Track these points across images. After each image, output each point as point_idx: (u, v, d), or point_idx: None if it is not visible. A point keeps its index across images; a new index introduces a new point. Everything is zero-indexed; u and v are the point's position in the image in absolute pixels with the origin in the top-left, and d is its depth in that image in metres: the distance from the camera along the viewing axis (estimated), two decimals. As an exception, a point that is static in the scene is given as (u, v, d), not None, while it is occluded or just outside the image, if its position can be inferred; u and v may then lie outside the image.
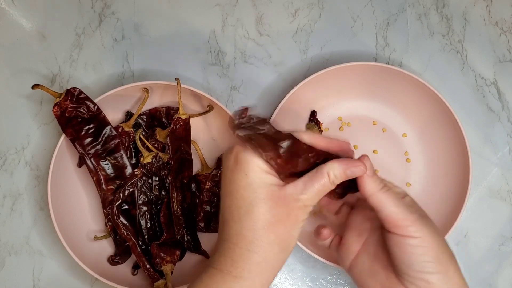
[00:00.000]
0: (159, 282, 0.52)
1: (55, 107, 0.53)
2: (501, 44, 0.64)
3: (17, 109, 0.60)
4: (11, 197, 0.58)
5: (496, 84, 0.64)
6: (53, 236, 0.56)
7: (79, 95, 0.53)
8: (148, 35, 0.63)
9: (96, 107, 0.54)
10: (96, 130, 0.54)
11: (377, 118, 0.61)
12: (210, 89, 0.62)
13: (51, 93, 0.53)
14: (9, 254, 0.57)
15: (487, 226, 0.60)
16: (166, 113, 0.58)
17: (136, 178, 0.54)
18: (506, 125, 0.63)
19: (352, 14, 0.64)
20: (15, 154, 0.59)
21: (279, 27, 0.64)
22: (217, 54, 0.63)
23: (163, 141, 0.57)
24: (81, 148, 0.53)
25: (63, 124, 0.53)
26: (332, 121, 0.61)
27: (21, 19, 0.63)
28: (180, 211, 0.54)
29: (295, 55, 0.63)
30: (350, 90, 0.60)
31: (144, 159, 0.54)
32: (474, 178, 0.57)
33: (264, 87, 0.62)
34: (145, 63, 0.62)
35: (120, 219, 0.53)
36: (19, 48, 0.62)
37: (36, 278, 0.57)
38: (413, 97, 0.58)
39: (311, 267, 0.59)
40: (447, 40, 0.64)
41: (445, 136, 0.58)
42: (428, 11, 0.65)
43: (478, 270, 0.59)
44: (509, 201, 0.61)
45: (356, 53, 0.63)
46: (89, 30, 0.62)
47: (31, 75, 0.61)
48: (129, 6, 0.63)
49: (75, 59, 0.62)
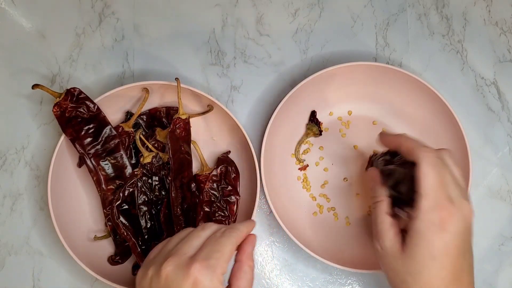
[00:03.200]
0: None
1: (55, 107, 0.53)
2: (501, 44, 0.64)
3: (17, 109, 0.60)
4: (11, 197, 0.58)
5: (496, 84, 0.64)
6: (53, 236, 0.56)
7: (79, 95, 0.53)
8: (148, 35, 0.63)
9: (96, 107, 0.54)
10: (96, 130, 0.54)
11: (377, 118, 0.61)
12: (210, 89, 0.62)
13: (51, 93, 0.53)
14: (9, 254, 0.57)
15: (487, 226, 0.60)
16: (166, 113, 0.58)
17: (136, 178, 0.54)
18: (506, 125, 0.63)
19: (352, 14, 0.64)
20: (15, 154, 0.59)
21: (279, 27, 0.64)
22: (217, 54, 0.63)
23: (163, 141, 0.57)
24: (81, 148, 0.53)
25: (63, 124, 0.53)
26: (332, 121, 0.61)
27: (21, 19, 0.63)
28: (180, 211, 0.54)
29: (295, 55, 0.63)
30: (350, 90, 0.60)
31: (144, 159, 0.54)
32: (474, 178, 0.58)
33: (264, 87, 0.62)
34: (145, 63, 0.62)
35: (120, 219, 0.53)
36: (19, 48, 0.62)
37: (36, 278, 0.57)
38: (413, 97, 0.58)
39: (311, 267, 0.59)
40: (447, 40, 0.64)
41: (445, 136, 0.58)
42: (428, 11, 0.65)
43: (478, 270, 0.59)
44: (509, 201, 0.61)
45: (356, 53, 0.63)
46: (89, 30, 0.62)
47: (31, 75, 0.61)
48: (129, 6, 0.63)
49: (75, 59, 0.62)
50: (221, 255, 0.37)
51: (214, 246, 0.38)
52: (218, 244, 0.38)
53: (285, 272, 0.58)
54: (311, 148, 0.61)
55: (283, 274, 0.58)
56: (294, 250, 0.59)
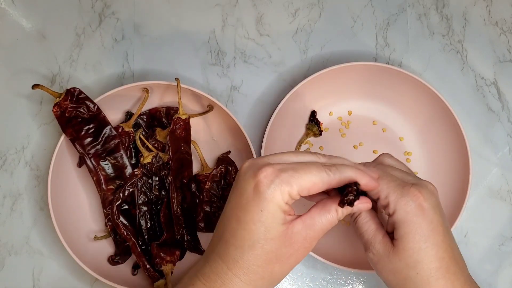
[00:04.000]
0: (159, 282, 0.52)
1: (55, 107, 0.53)
2: (501, 44, 0.64)
3: (17, 109, 0.60)
4: (11, 197, 0.58)
5: (496, 84, 0.64)
6: (53, 236, 0.56)
7: (79, 95, 0.53)
8: (148, 35, 0.63)
9: (96, 107, 0.54)
10: (96, 130, 0.54)
11: (377, 118, 0.61)
12: (210, 89, 0.62)
13: (51, 93, 0.53)
14: (9, 254, 0.57)
15: (487, 226, 0.60)
16: (166, 113, 0.58)
17: (136, 178, 0.54)
18: (506, 125, 0.63)
19: (352, 14, 0.64)
20: (15, 154, 0.59)
21: (279, 27, 0.64)
22: (217, 54, 0.63)
23: (163, 141, 0.57)
24: (81, 148, 0.53)
25: (63, 124, 0.53)
26: (332, 121, 0.61)
27: (21, 19, 0.63)
28: (180, 211, 0.54)
29: (295, 55, 0.63)
30: (350, 90, 0.60)
31: (144, 159, 0.54)
32: (474, 178, 0.57)
33: (264, 87, 0.62)
34: (145, 63, 0.62)
35: (120, 219, 0.53)
36: (19, 48, 0.62)
37: (36, 278, 0.57)
38: (413, 97, 0.58)
39: (311, 267, 0.59)
40: (447, 40, 0.64)
41: (445, 136, 0.58)
42: (428, 11, 0.65)
43: (478, 270, 0.59)
44: (509, 201, 0.61)
45: (356, 53, 0.63)
46: (89, 30, 0.62)
47: (31, 75, 0.61)
48: (129, 6, 0.63)
49: (75, 59, 0.62)
50: (299, 176, 0.35)
51: (299, 167, 0.36)
52: (304, 167, 0.36)
53: (285, 272, 0.58)
54: (311, 148, 0.61)
55: (283, 274, 0.58)
56: (294, 250, 0.59)
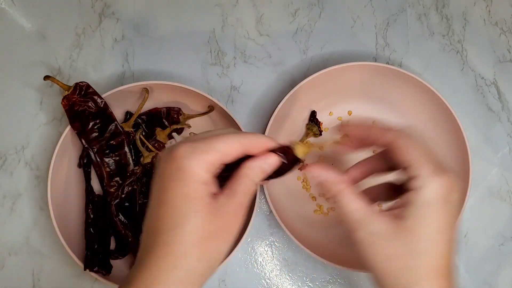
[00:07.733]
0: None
1: (64, 100, 0.53)
2: (501, 44, 0.64)
3: (17, 109, 0.60)
4: (11, 197, 0.58)
5: (496, 84, 0.64)
6: (53, 236, 0.56)
7: (87, 89, 0.53)
8: (148, 35, 0.63)
9: (103, 102, 0.54)
10: (102, 126, 0.54)
11: (377, 118, 0.61)
12: (210, 89, 0.62)
13: (61, 85, 0.53)
14: (9, 254, 0.57)
15: (487, 226, 0.60)
16: (166, 113, 0.58)
17: (136, 177, 0.54)
18: (506, 125, 0.63)
19: (352, 14, 0.64)
20: (15, 154, 0.59)
21: (279, 27, 0.64)
22: (217, 54, 0.63)
23: (163, 141, 0.57)
24: (86, 143, 0.53)
25: (71, 117, 0.53)
26: (332, 121, 0.61)
27: (21, 19, 0.63)
28: (180, 211, 0.54)
29: (295, 55, 0.63)
30: (350, 90, 0.60)
31: (144, 159, 0.54)
32: (474, 178, 0.57)
33: (264, 87, 0.62)
34: (145, 63, 0.62)
35: (119, 217, 0.53)
36: (19, 48, 0.62)
37: (36, 278, 0.57)
38: (413, 97, 0.58)
39: (311, 267, 0.59)
40: (447, 40, 0.64)
41: (445, 136, 0.58)
42: (428, 11, 0.65)
43: (478, 270, 0.59)
44: (509, 201, 0.61)
45: (356, 53, 0.63)
46: (89, 30, 0.62)
47: (31, 75, 0.61)
48: (129, 6, 0.63)
49: (75, 59, 0.62)
50: (214, 141, 0.35)
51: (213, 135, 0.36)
52: (218, 135, 0.36)
53: (285, 272, 0.58)
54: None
55: (283, 274, 0.58)
56: (294, 250, 0.59)
